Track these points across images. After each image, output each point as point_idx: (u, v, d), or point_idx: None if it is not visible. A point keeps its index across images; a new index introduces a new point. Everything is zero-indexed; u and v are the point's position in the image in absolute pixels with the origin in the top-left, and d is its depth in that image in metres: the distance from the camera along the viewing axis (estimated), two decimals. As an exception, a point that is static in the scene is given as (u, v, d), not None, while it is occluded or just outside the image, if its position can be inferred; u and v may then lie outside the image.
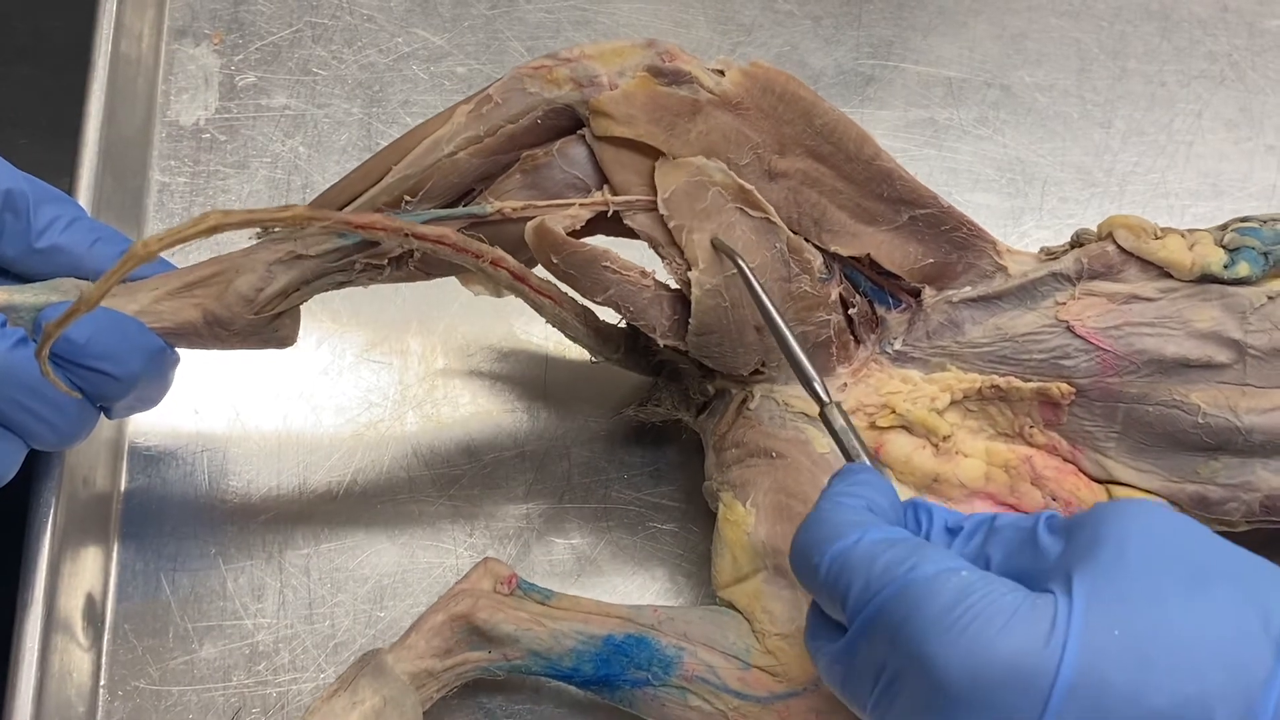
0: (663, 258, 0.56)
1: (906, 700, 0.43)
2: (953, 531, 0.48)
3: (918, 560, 0.44)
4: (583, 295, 0.57)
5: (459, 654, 0.57)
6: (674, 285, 0.57)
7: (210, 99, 0.74)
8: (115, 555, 0.64)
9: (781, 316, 0.54)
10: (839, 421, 0.52)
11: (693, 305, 0.55)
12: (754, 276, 0.54)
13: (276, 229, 0.55)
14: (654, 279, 0.57)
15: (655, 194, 0.55)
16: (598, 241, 0.56)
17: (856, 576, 0.45)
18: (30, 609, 0.58)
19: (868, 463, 0.52)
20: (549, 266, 0.55)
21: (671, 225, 0.55)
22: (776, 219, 0.56)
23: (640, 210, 0.56)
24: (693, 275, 0.55)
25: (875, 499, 0.48)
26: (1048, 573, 0.43)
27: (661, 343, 0.57)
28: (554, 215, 0.55)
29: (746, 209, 0.55)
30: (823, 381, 0.53)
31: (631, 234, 0.56)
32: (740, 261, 0.55)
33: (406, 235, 0.53)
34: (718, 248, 0.55)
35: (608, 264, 0.55)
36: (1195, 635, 0.40)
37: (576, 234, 0.55)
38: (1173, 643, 0.40)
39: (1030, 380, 0.59)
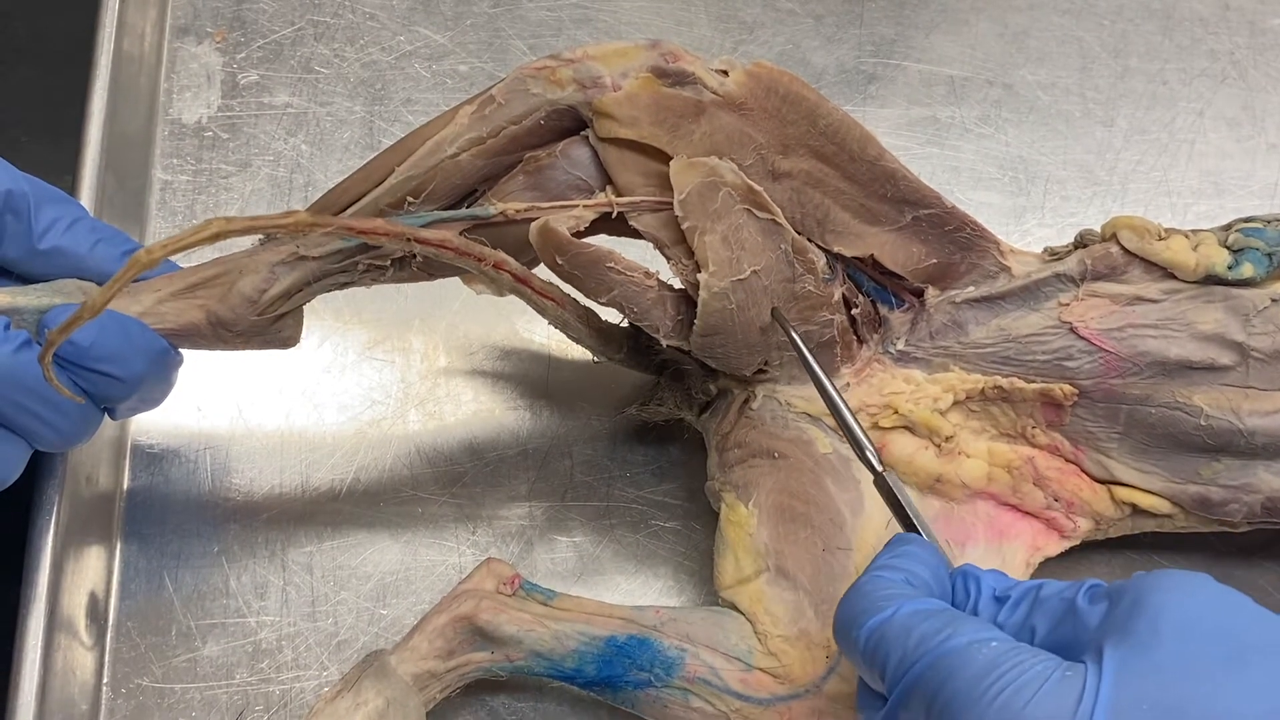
0: (668, 258, 0.56)
1: None
2: (1000, 600, 0.48)
3: (952, 632, 0.44)
4: (587, 296, 0.57)
5: (462, 655, 0.57)
6: (678, 286, 0.57)
7: (212, 97, 0.74)
8: (118, 553, 0.64)
9: (836, 390, 0.55)
10: (896, 489, 0.53)
11: (700, 307, 0.55)
12: (809, 353, 0.55)
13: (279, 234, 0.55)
14: (658, 280, 0.57)
15: (660, 194, 0.55)
16: (601, 242, 0.56)
17: (894, 649, 0.45)
18: (33, 607, 0.58)
19: (920, 534, 0.52)
20: (553, 267, 0.55)
21: (685, 226, 0.55)
22: (783, 220, 0.56)
23: (645, 211, 0.56)
24: (702, 277, 0.55)
25: (916, 571, 0.49)
26: (1086, 643, 0.44)
27: (665, 343, 0.57)
28: (558, 216, 0.55)
29: (754, 210, 0.55)
30: (875, 449, 0.54)
31: (634, 235, 0.56)
32: (795, 335, 0.55)
33: (409, 240, 0.53)
34: (776, 319, 0.56)
35: (612, 265, 0.55)
36: (1225, 711, 0.40)
37: (580, 235, 0.55)
38: (1201, 717, 0.40)
39: (1033, 381, 0.59)
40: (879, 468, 0.53)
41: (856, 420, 0.54)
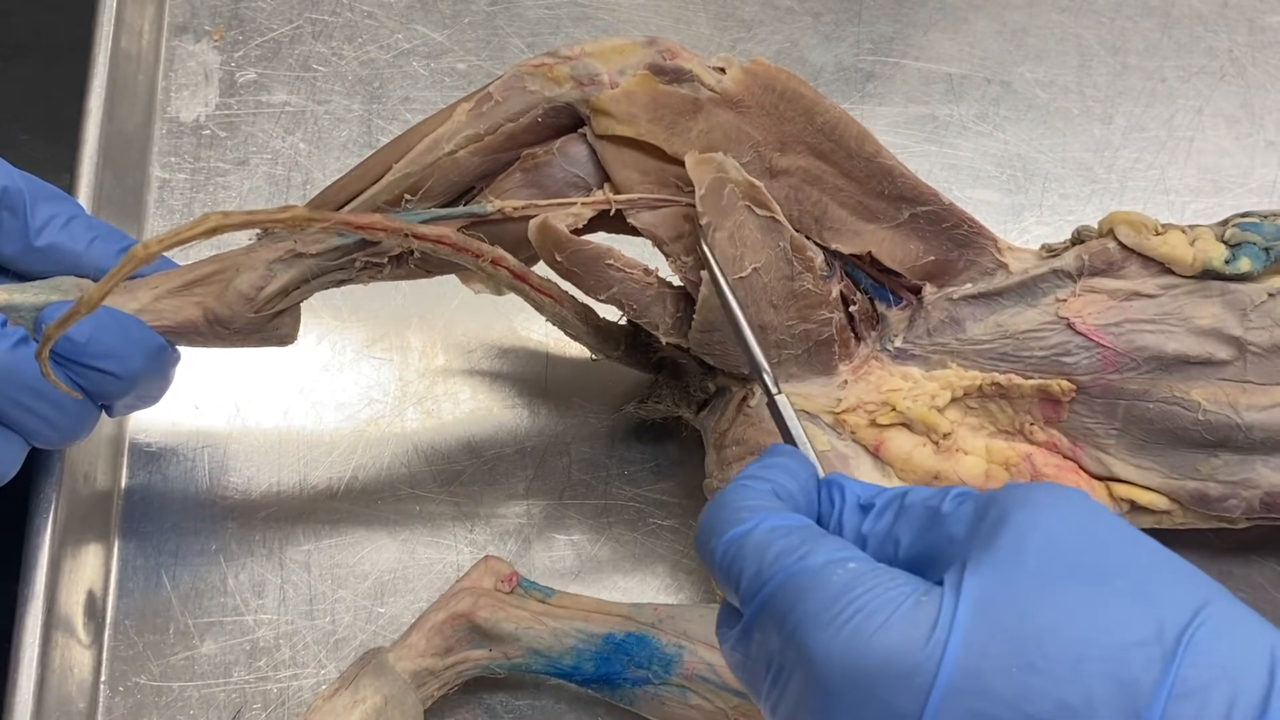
0: (666, 255, 0.56)
1: (793, 693, 0.42)
2: (865, 508, 0.45)
3: (809, 550, 0.42)
4: (586, 293, 0.57)
5: (460, 652, 0.57)
6: (677, 283, 0.57)
7: (210, 95, 0.74)
8: (116, 551, 0.64)
9: (741, 308, 0.53)
10: (788, 410, 0.51)
11: (699, 304, 0.55)
12: (719, 270, 0.54)
13: (277, 230, 0.55)
14: (657, 277, 0.57)
15: (658, 191, 0.55)
16: (599, 240, 0.56)
17: (749, 564, 0.43)
18: (31, 605, 0.58)
19: (806, 449, 0.50)
20: (552, 264, 0.55)
21: (703, 222, 0.54)
22: (781, 218, 0.56)
23: (643, 208, 0.56)
24: (705, 274, 0.55)
25: (783, 483, 0.46)
26: (948, 559, 0.41)
27: (664, 340, 0.57)
28: (557, 214, 0.55)
29: (754, 207, 0.55)
30: (770, 369, 0.52)
31: (632, 232, 0.56)
32: (708, 255, 0.54)
33: (406, 235, 0.53)
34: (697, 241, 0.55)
35: (611, 262, 0.55)
36: (1084, 640, 0.38)
37: (578, 232, 0.55)
38: (1059, 648, 0.38)
39: (1031, 377, 0.59)
40: (774, 389, 0.51)
41: (758, 339, 0.52)
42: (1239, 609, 0.39)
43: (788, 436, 0.50)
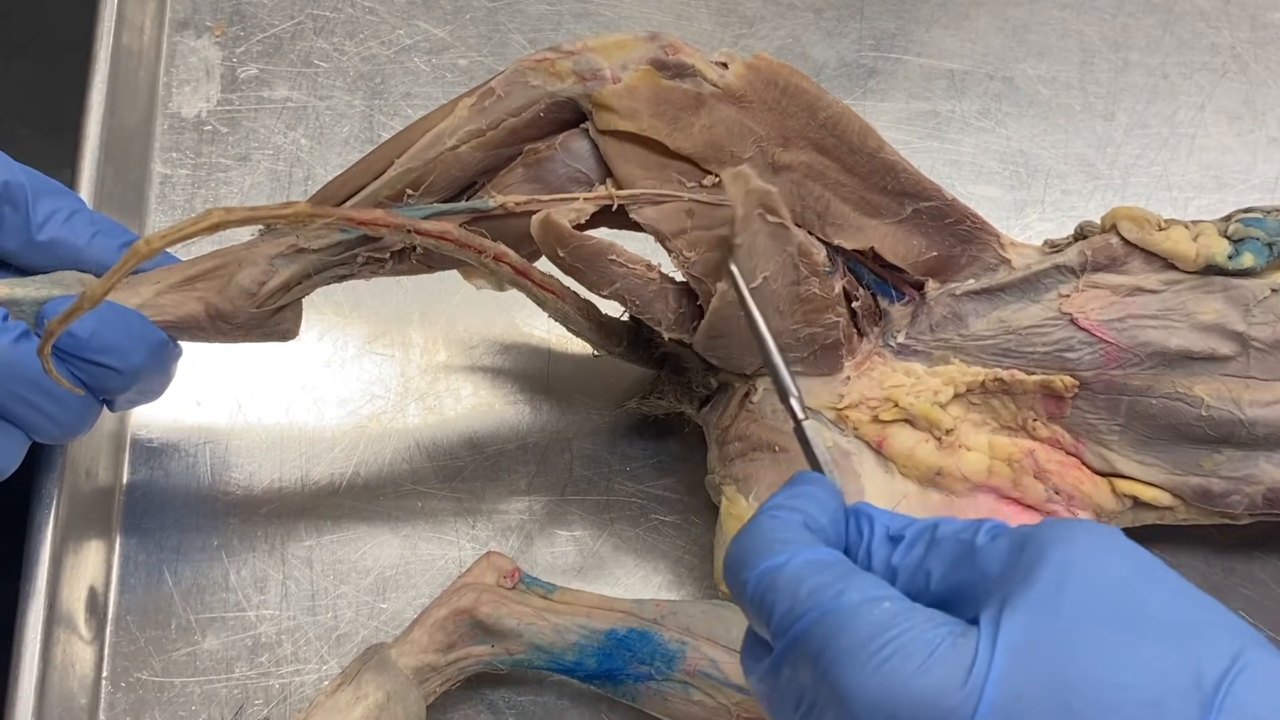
0: (670, 251, 0.56)
1: None
2: (894, 540, 0.45)
3: (844, 587, 0.42)
4: (588, 289, 0.56)
5: (462, 648, 0.57)
6: (679, 278, 0.57)
7: (212, 91, 0.74)
8: (117, 547, 0.64)
9: (769, 328, 0.53)
10: (816, 439, 0.50)
11: (709, 313, 0.55)
12: (749, 296, 0.54)
13: (279, 225, 0.55)
14: (660, 272, 0.57)
15: (660, 187, 0.55)
16: (602, 235, 0.56)
17: (782, 598, 0.43)
18: (32, 601, 0.58)
19: (824, 474, 0.50)
20: (555, 260, 0.55)
21: (736, 242, 0.54)
22: (791, 224, 0.55)
23: (645, 204, 0.56)
24: (720, 286, 0.55)
25: (814, 515, 0.46)
26: (983, 595, 0.41)
27: (667, 336, 0.57)
28: (559, 209, 0.55)
29: (765, 214, 0.55)
30: (800, 395, 0.52)
31: (634, 227, 0.56)
32: (739, 280, 0.54)
33: (408, 231, 0.53)
34: (726, 261, 0.55)
35: (614, 257, 0.55)
36: (1122, 686, 0.38)
37: (580, 228, 0.55)
38: (1097, 693, 0.38)
39: (1034, 373, 0.59)
40: (801, 415, 0.51)
41: (786, 363, 0.52)
42: (1276, 658, 0.38)
43: (814, 463, 0.50)
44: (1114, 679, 0.38)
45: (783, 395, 0.52)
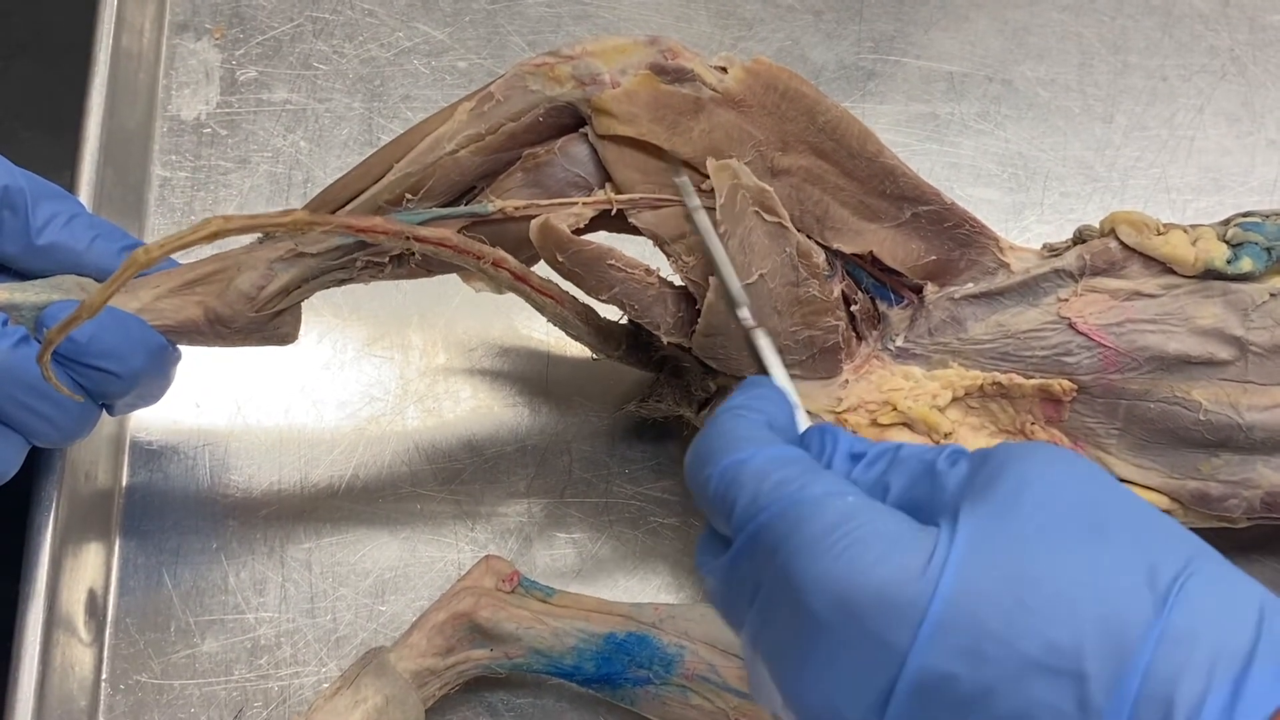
0: (668, 255, 0.56)
1: (778, 623, 0.42)
2: (856, 458, 0.46)
3: (807, 482, 0.42)
4: (587, 293, 0.57)
5: (461, 652, 0.57)
6: (678, 283, 0.57)
7: (211, 94, 0.74)
8: (117, 550, 0.64)
9: (723, 247, 0.54)
10: (766, 343, 0.51)
11: (704, 310, 0.55)
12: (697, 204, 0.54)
13: (277, 232, 0.55)
14: (658, 277, 0.57)
15: (659, 191, 0.55)
16: (600, 239, 0.56)
17: (745, 491, 0.43)
18: (32, 603, 0.58)
19: (787, 388, 0.50)
20: (554, 265, 0.55)
21: (720, 231, 0.54)
22: (789, 224, 0.56)
23: (644, 208, 0.56)
24: (714, 280, 0.55)
25: (776, 415, 0.46)
26: (942, 505, 0.42)
27: (665, 340, 0.57)
28: (558, 214, 0.55)
29: (763, 213, 0.55)
30: (749, 304, 0.52)
31: (632, 231, 0.56)
32: (689, 192, 0.54)
33: (407, 238, 0.53)
34: (679, 187, 0.55)
35: (613, 262, 0.55)
36: (1077, 584, 0.38)
37: (579, 232, 0.55)
38: (1052, 589, 0.38)
39: (1032, 377, 0.59)
40: (751, 322, 0.52)
41: (735, 275, 0.53)
42: (1227, 566, 0.39)
43: (761, 369, 0.51)
44: (1070, 575, 0.38)
45: (731, 306, 0.52)
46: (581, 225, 0.55)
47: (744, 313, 0.52)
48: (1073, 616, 0.37)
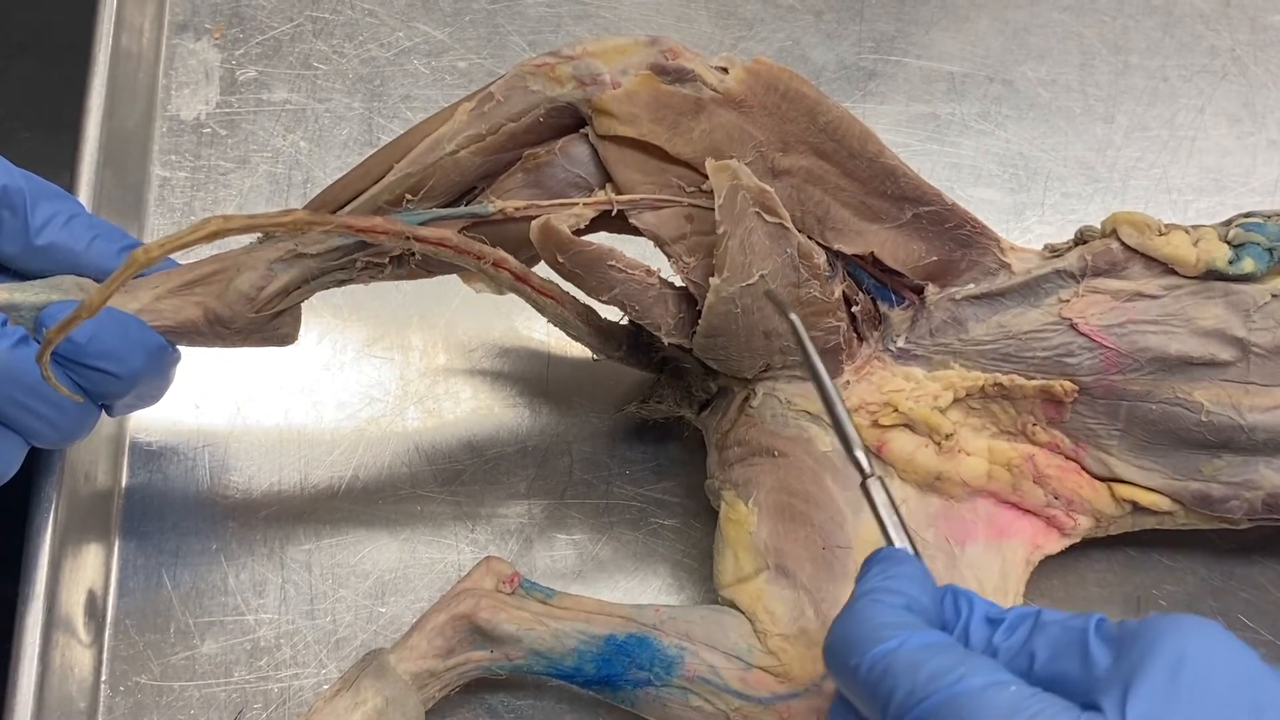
0: (668, 256, 0.56)
1: None
2: (993, 622, 0.47)
3: (965, 671, 0.43)
4: (588, 294, 0.56)
5: (461, 654, 0.57)
6: (678, 284, 0.57)
7: (211, 94, 0.74)
8: (116, 551, 0.64)
9: (835, 388, 0.53)
10: (881, 497, 0.51)
11: (705, 309, 0.55)
12: (809, 342, 0.53)
13: (277, 232, 0.55)
14: (659, 278, 0.57)
15: (659, 192, 0.55)
16: (601, 240, 0.56)
17: (901, 682, 0.44)
18: (31, 605, 0.58)
19: (908, 546, 0.51)
20: (554, 265, 0.55)
21: (720, 231, 0.54)
22: (790, 224, 0.55)
23: (645, 209, 0.55)
24: (714, 281, 0.55)
25: (915, 596, 0.47)
26: (1096, 685, 0.42)
27: (666, 341, 0.57)
28: (559, 214, 0.55)
29: (763, 213, 0.55)
30: (867, 452, 0.52)
31: (633, 232, 0.56)
32: (794, 320, 0.54)
33: (407, 238, 0.53)
34: (773, 301, 0.55)
35: (613, 263, 0.55)
36: None
37: (579, 233, 0.55)
38: None
39: (1033, 378, 0.59)
40: (869, 470, 0.52)
41: (851, 420, 0.53)
42: None
43: (883, 528, 0.51)
44: None
45: (847, 448, 0.52)
46: (582, 226, 0.55)
47: (860, 456, 0.51)
48: None
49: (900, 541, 0.51)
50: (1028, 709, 0.41)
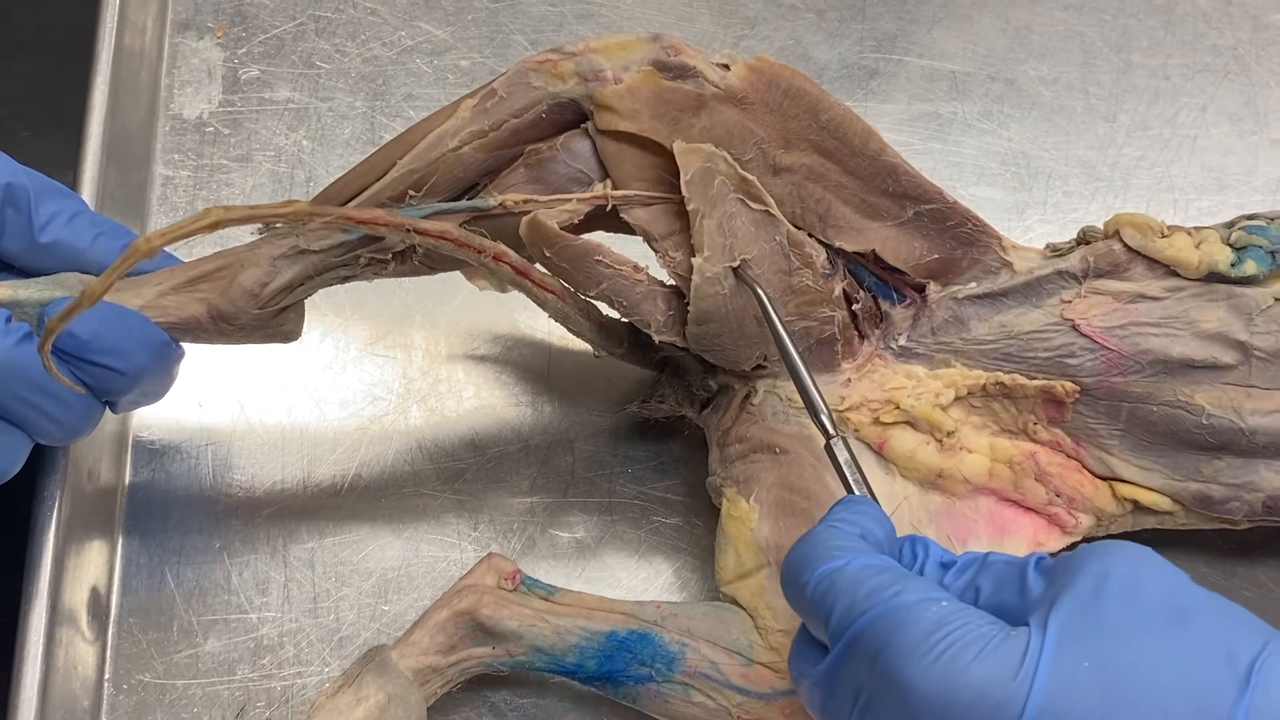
0: (657, 252, 0.56)
1: None
2: (946, 566, 0.49)
3: (902, 588, 0.45)
4: (576, 289, 0.56)
5: (463, 650, 0.57)
6: (669, 281, 0.57)
7: (213, 92, 0.74)
8: (120, 549, 0.64)
9: (794, 342, 0.55)
10: (844, 455, 0.54)
11: (692, 292, 0.55)
12: (770, 303, 0.55)
13: (279, 224, 0.55)
14: (647, 274, 0.57)
15: (653, 189, 0.55)
16: (596, 237, 0.56)
17: (841, 597, 0.46)
18: (35, 603, 0.58)
19: (868, 495, 0.53)
20: (542, 260, 0.55)
21: (690, 209, 0.55)
22: (777, 212, 0.55)
23: (637, 205, 0.56)
24: (696, 261, 0.55)
25: (871, 529, 0.49)
26: (1028, 608, 0.44)
27: (657, 338, 0.57)
28: (549, 209, 0.55)
29: (747, 200, 0.55)
30: (830, 413, 0.54)
31: (630, 230, 0.56)
32: (759, 290, 0.55)
33: (409, 231, 0.53)
34: (739, 274, 0.55)
35: (600, 258, 0.55)
36: (1164, 672, 0.41)
37: (576, 229, 0.55)
38: (1141, 679, 0.41)
39: (1035, 378, 0.59)
40: (833, 431, 0.54)
41: (814, 381, 0.55)
42: None
43: (845, 481, 0.53)
44: (1155, 664, 0.41)
45: (812, 412, 0.54)
46: (576, 221, 0.55)
47: (825, 420, 0.54)
48: (1162, 703, 0.40)
49: (861, 492, 0.53)
50: (955, 621, 0.43)
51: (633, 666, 0.56)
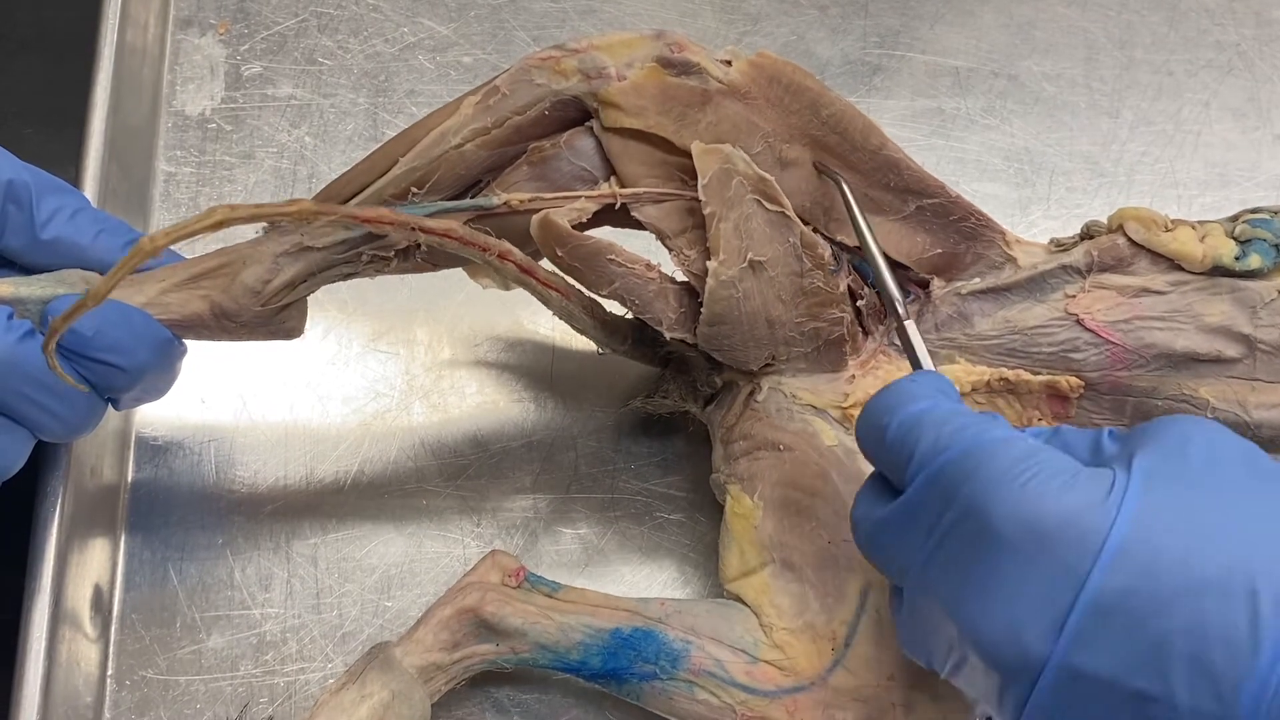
0: (670, 250, 0.56)
1: (961, 554, 0.45)
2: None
3: (987, 425, 0.46)
4: (588, 288, 0.56)
5: (466, 647, 0.57)
6: (680, 278, 0.57)
7: (216, 89, 0.74)
8: (122, 545, 0.64)
9: (874, 237, 0.56)
10: (916, 336, 0.55)
11: (706, 295, 0.55)
12: (850, 192, 0.56)
13: (283, 222, 0.55)
14: (659, 272, 0.57)
15: (664, 185, 0.55)
16: (604, 234, 0.56)
17: (926, 434, 0.47)
18: (38, 599, 0.58)
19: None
20: (554, 260, 0.55)
21: (707, 212, 0.54)
22: (792, 214, 0.55)
23: (648, 202, 0.55)
24: (711, 265, 0.55)
25: (947, 388, 0.50)
26: (1107, 462, 0.45)
27: (668, 335, 0.57)
28: (559, 208, 0.55)
29: (763, 201, 0.55)
30: (904, 299, 0.56)
31: (637, 226, 0.56)
32: (843, 184, 0.56)
33: (413, 229, 0.53)
34: (820, 169, 0.57)
35: (613, 257, 0.55)
36: (1246, 515, 0.42)
37: (583, 226, 0.55)
38: (1225, 517, 0.42)
39: (1039, 373, 0.59)
40: (905, 315, 0.55)
41: (890, 267, 0.56)
42: None
43: (916, 363, 0.55)
44: (1240, 508, 0.42)
45: (887, 298, 0.56)
46: (585, 219, 0.55)
47: (898, 306, 0.55)
48: (1244, 542, 0.41)
49: (931, 368, 0.54)
50: (1041, 455, 0.44)
51: (637, 664, 0.56)
